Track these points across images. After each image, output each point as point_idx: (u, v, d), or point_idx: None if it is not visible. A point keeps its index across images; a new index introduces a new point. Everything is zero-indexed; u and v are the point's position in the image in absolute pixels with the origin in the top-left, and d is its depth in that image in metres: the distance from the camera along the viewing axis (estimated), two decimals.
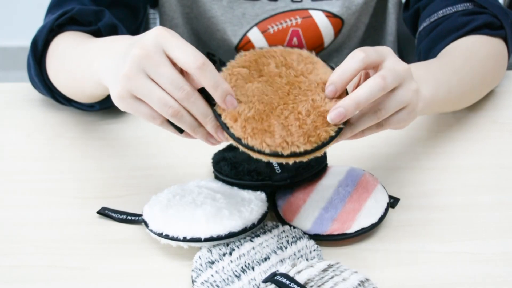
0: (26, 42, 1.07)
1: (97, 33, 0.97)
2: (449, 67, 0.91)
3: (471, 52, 0.96)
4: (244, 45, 1.19)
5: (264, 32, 1.18)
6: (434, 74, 0.86)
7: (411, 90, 0.72)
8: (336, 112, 0.67)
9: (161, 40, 0.67)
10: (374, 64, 0.70)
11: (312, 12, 1.17)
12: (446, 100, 0.89)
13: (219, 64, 1.27)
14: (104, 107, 1.00)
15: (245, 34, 1.19)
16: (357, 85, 0.73)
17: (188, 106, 0.67)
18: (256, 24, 1.18)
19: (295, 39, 1.19)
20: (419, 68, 0.86)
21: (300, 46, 1.20)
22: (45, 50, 0.97)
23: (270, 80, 0.70)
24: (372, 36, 1.28)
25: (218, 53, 1.25)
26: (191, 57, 0.66)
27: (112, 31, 0.98)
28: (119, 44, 0.75)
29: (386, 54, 0.72)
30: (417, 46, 1.08)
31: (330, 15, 1.17)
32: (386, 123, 0.73)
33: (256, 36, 1.18)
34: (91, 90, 0.84)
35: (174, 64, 0.68)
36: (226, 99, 0.67)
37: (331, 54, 1.25)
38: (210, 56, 1.27)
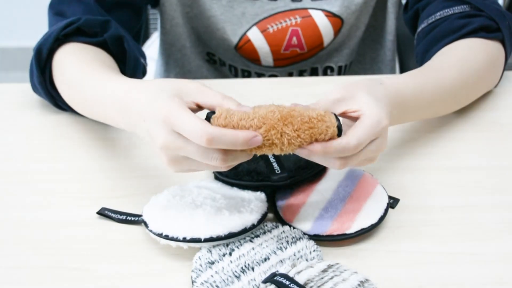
0: (25, 42, 1.07)
1: (103, 44, 0.98)
2: (439, 80, 0.90)
3: (465, 59, 0.96)
4: (244, 44, 1.19)
5: (263, 31, 1.18)
6: (422, 96, 0.87)
7: (378, 150, 0.73)
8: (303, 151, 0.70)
9: (169, 124, 0.69)
10: None
11: (311, 12, 1.17)
12: (428, 113, 0.91)
13: (218, 64, 1.28)
14: None
15: (244, 34, 1.19)
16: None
17: (218, 146, 0.68)
18: (255, 24, 1.18)
19: (294, 38, 1.19)
20: (407, 87, 0.85)
21: (299, 45, 1.20)
22: (49, 59, 0.97)
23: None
24: (371, 35, 1.28)
25: (218, 52, 1.25)
26: (197, 139, 0.67)
27: (117, 42, 0.99)
28: (135, 108, 0.75)
29: (378, 134, 0.72)
30: (415, 47, 1.08)
31: (330, 14, 1.17)
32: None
33: (255, 36, 1.19)
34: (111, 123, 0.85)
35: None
36: (250, 143, 0.67)
37: (330, 54, 1.25)
38: (210, 56, 1.27)
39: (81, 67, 0.91)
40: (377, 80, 0.79)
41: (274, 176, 0.78)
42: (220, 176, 0.82)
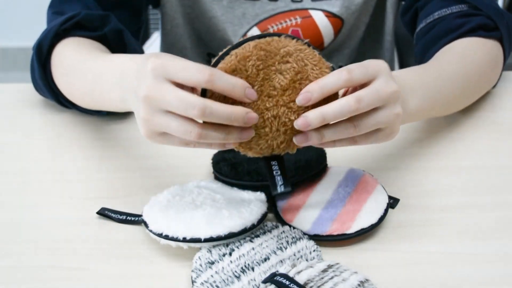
0: (25, 42, 1.07)
1: (103, 38, 0.98)
2: (440, 72, 0.91)
3: (465, 55, 0.96)
4: None
5: (264, 32, 1.18)
6: (423, 82, 0.85)
7: (393, 114, 0.71)
8: (301, 120, 0.68)
9: (160, 71, 0.66)
10: (359, 84, 0.70)
11: (312, 12, 1.17)
12: (434, 107, 0.90)
13: None
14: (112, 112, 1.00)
15: (245, 34, 1.19)
16: (345, 93, 0.73)
17: (208, 118, 0.65)
18: (256, 24, 1.18)
19: None
20: (408, 76, 0.85)
21: None
22: (49, 54, 0.97)
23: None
24: (371, 35, 1.28)
25: (218, 53, 1.25)
26: (196, 74, 0.65)
27: (118, 36, 0.99)
28: (129, 71, 0.73)
29: (377, 73, 0.70)
30: (414, 47, 1.08)
31: (330, 15, 1.17)
32: (360, 140, 0.72)
33: None
34: (112, 108, 0.84)
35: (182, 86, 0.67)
36: (246, 93, 0.66)
37: (331, 54, 1.25)
38: (210, 57, 1.27)
39: (80, 52, 0.92)
40: None
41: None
42: (220, 176, 0.83)
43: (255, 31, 1.18)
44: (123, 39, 0.99)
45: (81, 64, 0.89)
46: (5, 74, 3.03)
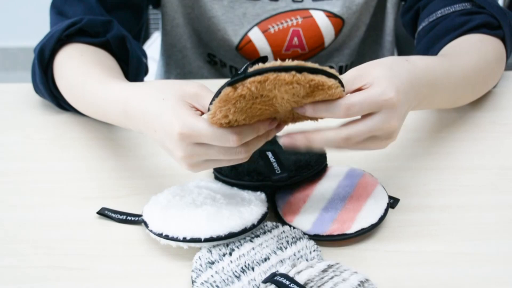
0: (26, 42, 1.07)
1: (106, 44, 0.98)
2: (453, 65, 0.90)
3: (476, 49, 0.96)
4: (245, 45, 1.19)
5: (264, 32, 1.18)
6: (436, 75, 0.84)
7: (384, 142, 0.74)
8: (287, 140, 0.70)
9: (187, 138, 0.70)
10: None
11: (312, 12, 1.17)
12: (451, 99, 0.91)
13: (219, 65, 1.28)
14: None
15: (245, 34, 1.19)
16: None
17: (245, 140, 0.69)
18: (256, 24, 1.18)
19: (295, 39, 1.19)
20: (436, 70, 0.83)
21: (300, 46, 1.20)
22: (51, 59, 0.97)
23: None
24: (372, 35, 1.28)
25: (219, 53, 1.25)
26: (225, 143, 0.69)
27: (120, 42, 0.99)
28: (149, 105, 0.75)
29: (381, 108, 0.70)
30: (416, 46, 1.08)
31: (331, 15, 1.17)
32: (349, 148, 0.73)
33: (256, 36, 1.19)
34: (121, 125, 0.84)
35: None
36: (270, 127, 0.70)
37: (331, 54, 1.25)
38: (211, 57, 1.27)
39: (81, 71, 0.91)
40: (404, 58, 0.78)
41: (275, 176, 0.78)
42: (220, 176, 0.82)
43: (255, 31, 1.18)
44: (126, 45, 1.00)
45: (83, 88, 0.89)
46: (5, 74, 3.03)
